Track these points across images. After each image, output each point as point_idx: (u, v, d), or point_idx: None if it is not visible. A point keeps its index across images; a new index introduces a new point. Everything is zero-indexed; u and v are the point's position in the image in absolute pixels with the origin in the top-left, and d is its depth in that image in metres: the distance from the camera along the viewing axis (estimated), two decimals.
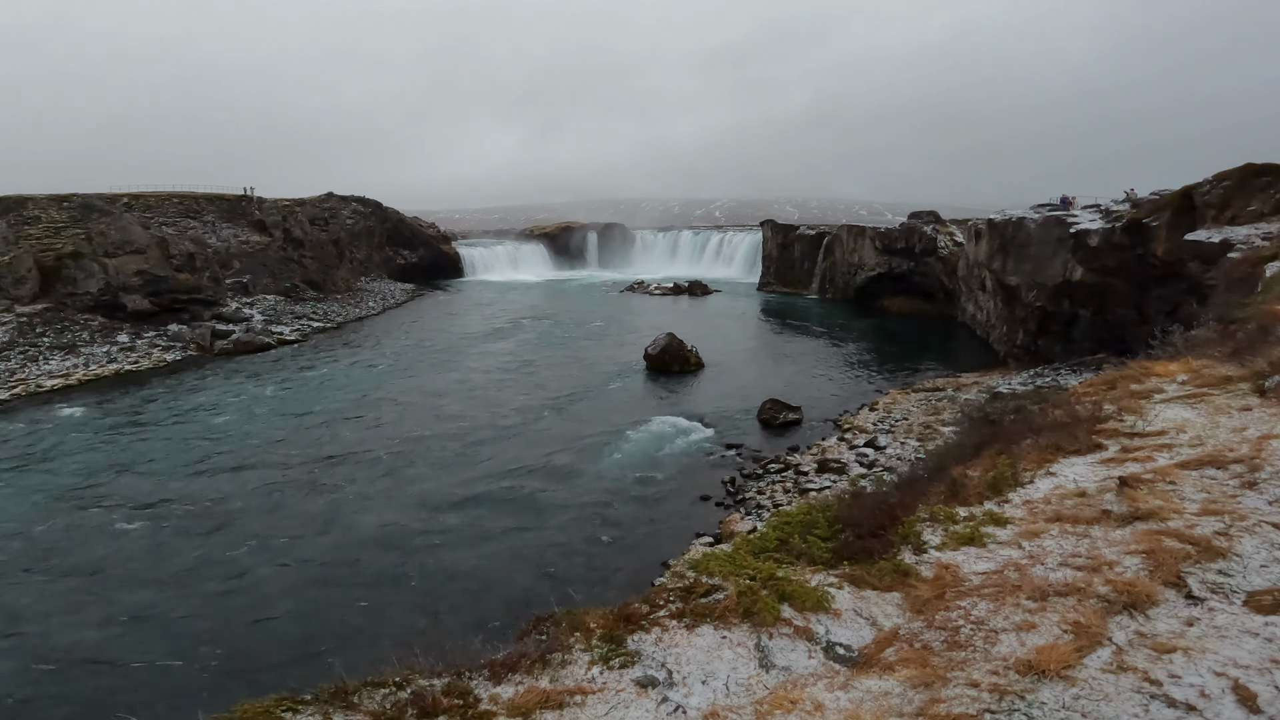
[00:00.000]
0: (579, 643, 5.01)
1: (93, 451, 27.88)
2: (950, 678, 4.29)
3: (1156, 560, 5.41)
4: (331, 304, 63.33)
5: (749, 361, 43.05)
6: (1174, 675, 4.23)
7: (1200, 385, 10.54)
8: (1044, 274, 38.59)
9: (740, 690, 4.82)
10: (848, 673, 4.88)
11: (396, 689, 4.29)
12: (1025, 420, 9.46)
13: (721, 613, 5.44)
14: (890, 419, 30.00)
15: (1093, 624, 4.63)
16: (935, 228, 60.01)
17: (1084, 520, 6.17)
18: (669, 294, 73.95)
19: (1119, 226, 34.29)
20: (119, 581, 18.14)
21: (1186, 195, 31.43)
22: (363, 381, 38.52)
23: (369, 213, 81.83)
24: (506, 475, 24.82)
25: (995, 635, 4.71)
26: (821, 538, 7.24)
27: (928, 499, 7.78)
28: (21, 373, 39.44)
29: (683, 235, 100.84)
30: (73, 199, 54.31)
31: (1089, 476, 7.39)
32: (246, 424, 31.13)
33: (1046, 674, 4.21)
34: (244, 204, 68.14)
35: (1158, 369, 11.48)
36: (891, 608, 5.75)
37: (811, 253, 72.95)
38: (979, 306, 49.83)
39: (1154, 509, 6.13)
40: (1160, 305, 32.68)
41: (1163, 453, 7.89)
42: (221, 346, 47.01)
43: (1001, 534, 6.33)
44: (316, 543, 20.10)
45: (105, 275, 49.36)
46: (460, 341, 49.43)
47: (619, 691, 4.57)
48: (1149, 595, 5.02)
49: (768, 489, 23.11)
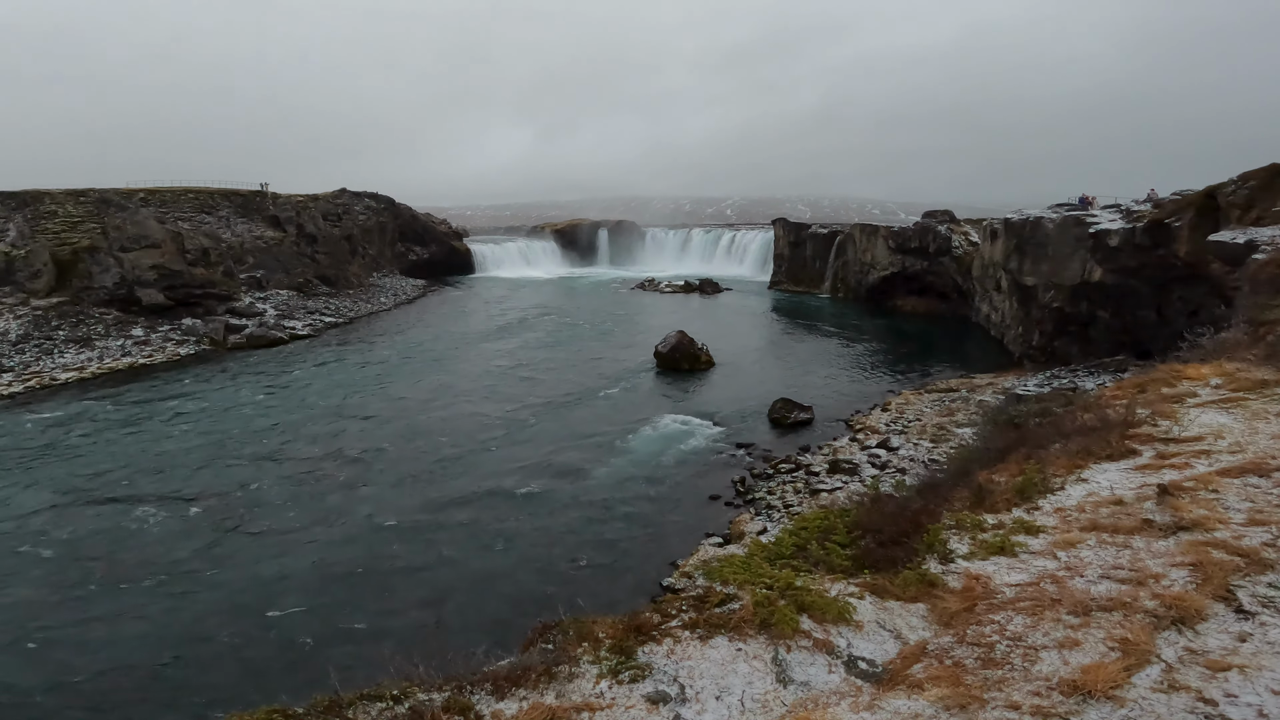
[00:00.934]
0: (587, 654, 4.73)
1: (105, 445, 27.92)
2: (988, 698, 3.98)
3: (1204, 573, 5.08)
4: (344, 299, 63.47)
5: (760, 360, 42.66)
6: (1230, 694, 3.93)
7: (1235, 389, 10.14)
8: (1062, 274, 37.95)
9: (756, 707, 4.53)
10: (872, 690, 4.58)
11: (394, 703, 4.02)
12: (1053, 424, 9.10)
13: (737, 623, 5.16)
14: (903, 420, 29.56)
15: (1141, 640, 4.31)
16: (950, 227, 59.28)
17: (1124, 530, 5.82)
18: (679, 292, 73.58)
19: (1140, 227, 33.64)
20: (125, 577, 18.07)
21: (1210, 195, 30.77)
22: (373, 377, 38.46)
23: (381, 209, 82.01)
24: (515, 472, 24.61)
25: (1035, 652, 4.39)
26: (840, 544, 6.93)
27: (951, 505, 7.45)
28: (36, 365, 39.70)
29: (694, 233, 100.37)
30: (89, 194, 54.65)
31: (1125, 483, 7.03)
32: (258, 419, 31.11)
33: (1093, 694, 3.90)
34: (258, 199, 68.41)
35: (1189, 372, 11.08)
36: (917, 620, 5.43)
37: (823, 252, 72.36)
38: (994, 307, 49.17)
39: (1199, 519, 5.78)
40: (1181, 307, 32.05)
41: (1201, 459, 7.52)
42: (235, 341, 47.15)
43: (1034, 543, 6.00)
44: (325, 539, 19.97)
45: (121, 269, 49.64)
46: (471, 338, 49.32)
47: (628, 708, 4.29)
48: (1198, 610, 4.69)
49: (778, 489, 22.77)
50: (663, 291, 74.37)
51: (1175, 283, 32.43)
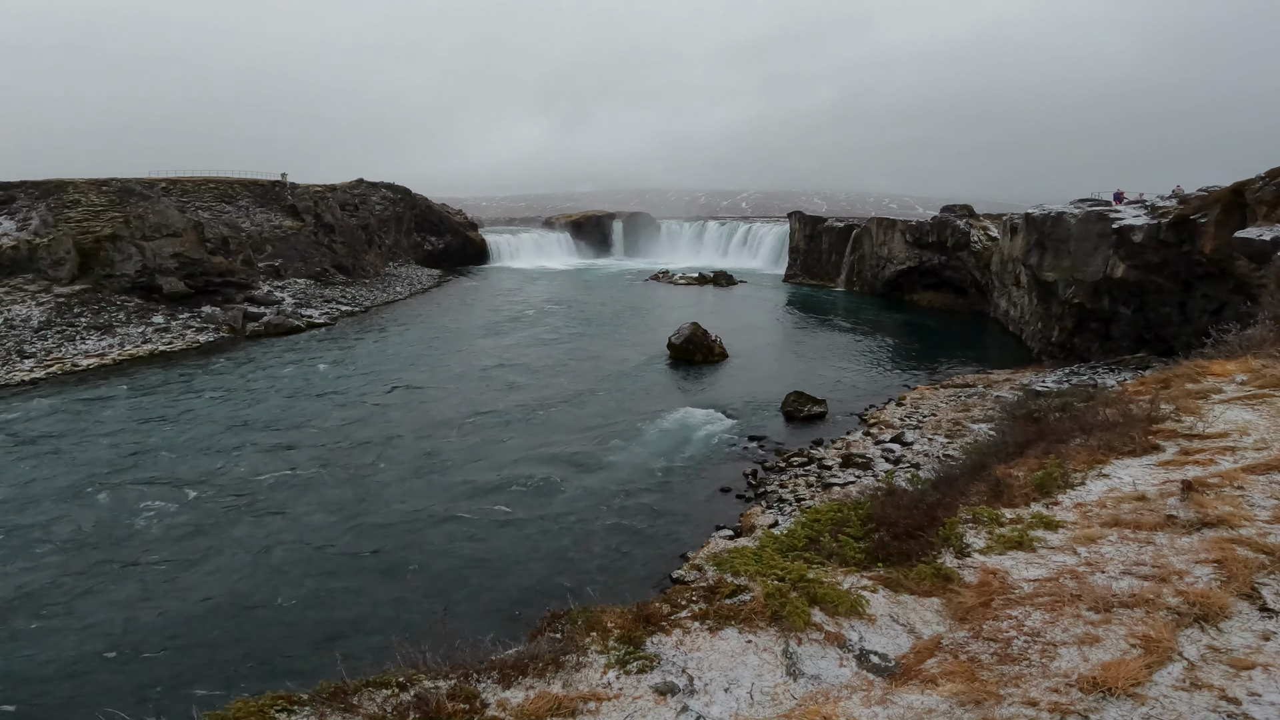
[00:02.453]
0: (595, 643, 4.68)
1: (124, 431, 28.31)
2: (1004, 695, 3.89)
3: (1228, 570, 4.94)
4: (360, 288, 63.88)
5: (773, 353, 42.44)
6: (1253, 693, 3.83)
7: (1261, 386, 9.89)
8: (1083, 270, 37.38)
9: (765, 700, 4.46)
10: (884, 685, 4.49)
11: (399, 690, 4.00)
12: (1073, 418, 8.92)
13: (747, 615, 5.09)
14: (918, 415, 29.28)
15: (1163, 638, 4.19)
16: (968, 222, 58.56)
17: (1146, 526, 5.68)
18: (694, 284, 73.31)
19: (1165, 223, 33.04)
20: (142, 561, 18.32)
21: (1237, 192, 30.16)
22: (388, 366, 38.70)
23: (398, 199, 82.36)
24: (527, 462, 24.67)
25: (1053, 648, 4.28)
26: (854, 537, 6.83)
27: (968, 499, 7.32)
28: (58, 352, 40.28)
29: (709, 225, 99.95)
30: (111, 183, 55.22)
31: (1147, 479, 6.87)
32: (274, 406, 31.40)
33: (1113, 691, 3.80)
34: (277, 189, 68.91)
35: (1214, 368, 10.83)
36: (931, 615, 5.34)
37: (839, 245, 71.81)
38: (1012, 302, 48.56)
39: (1223, 515, 5.63)
40: (1205, 304, 31.47)
41: (1225, 456, 7.34)
42: (253, 329, 47.63)
43: (1053, 538, 5.87)
44: (338, 526, 20.13)
45: (142, 258, 50.23)
46: (484, 328, 49.46)
47: (635, 699, 4.24)
48: (1222, 607, 4.57)
49: (790, 482, 22.66)
50: (677, 284, 74.14)
51: (1199, 279, 31.85)
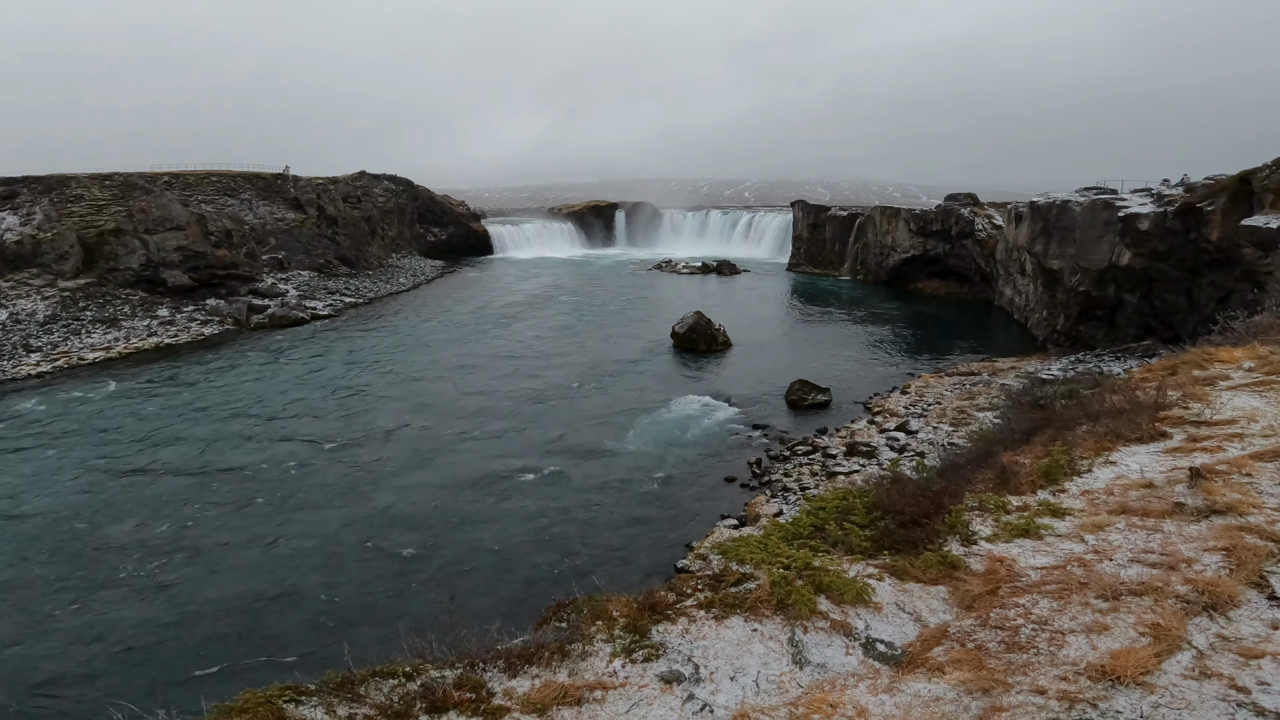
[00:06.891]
0: (600, 632, 4.68)
1: (131, 423, 28.43)
2: (1011, 683, 3.87)
3: (1237, 558, 4.91)
4: (363, 280, 63.87)
5: (777, 342, 42.34)
6: (1262, 682, 3.82)
7: (1269, 372, 9.83)
8: (1089, 258, 37.15)
9: (772, 689, 4.46)
10: (891, 673, 4.49)
11: (406, 680, 4.00)
12: (1080, 405, 8.86)
13: (753, 603, 5.08)
14: (922, 403, 29.21)
15: (1172, 626, 4.17)
16: (973, 210, 58.19)
17: (1154, 513, 5.65)
18: (697, 273, 73.11)
19: (1172, 210, 32.82)
20: (149, 553, 18.42)
21: (1244, 180, 29.95)
22: (392, 356, 38.74)
23: (400, 191, 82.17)
24: (531, 452, 24.70)
25: (1061, 636, 4.27)
26: (860, 525, 6.81)
27: (974, 486, 7.29)
28: (64, 345, 40.42)
29: (711, 215, 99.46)
30: (114, 178, 55.19)
31: (1155, 466, 6.83)
32: (280, 398, 31.48)
33: (1122, 680, 3.78)
34: (280, 182, 68.82)
35: (1221, 355, 10.77)
36: (938, 603, 5.32)
37: (843, 234, 71.43)
38: (1017, 290, 48.31)
39: (1231, 503, 5.59)
40: (1212, 292, 31.28)
41: (1233, 443, 7.29)
42: (257, 321, 47.67)
43: (1060, 526, 5.84)
44: (345, 516, 20.20)
45: (146, 251, 50.29)
46: (488, 318, 49.45)
47: (641, 687, 4.24)
48: (1231, 596, 4.54)
49: (794, 471, 22.65)
50: (680, 273, 73.93)
51: (1206, 267, 31.65)
